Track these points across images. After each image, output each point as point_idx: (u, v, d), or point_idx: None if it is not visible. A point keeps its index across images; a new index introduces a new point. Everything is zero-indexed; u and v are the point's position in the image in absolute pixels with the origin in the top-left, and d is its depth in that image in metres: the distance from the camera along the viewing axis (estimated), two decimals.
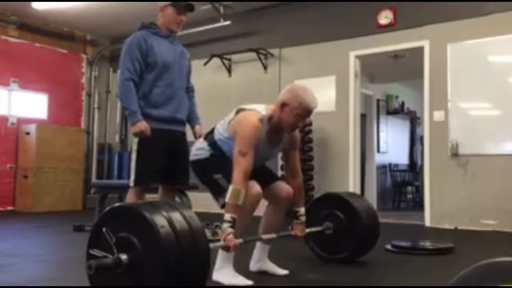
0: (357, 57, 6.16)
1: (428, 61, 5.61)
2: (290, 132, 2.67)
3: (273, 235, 2.72)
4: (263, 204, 2.74)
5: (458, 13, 5.41)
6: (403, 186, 8.95)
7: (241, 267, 2.68)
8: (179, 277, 1.83)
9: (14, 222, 5.87)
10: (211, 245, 2.14)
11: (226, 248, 2.39)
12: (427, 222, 5.50)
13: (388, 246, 3.74)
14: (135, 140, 3.03)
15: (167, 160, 3.06)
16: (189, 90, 3.32)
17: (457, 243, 3.82)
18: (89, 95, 8.35)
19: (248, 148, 2.46)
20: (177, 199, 3.92)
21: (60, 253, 3.87)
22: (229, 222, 2.38)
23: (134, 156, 3.05)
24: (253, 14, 6.87)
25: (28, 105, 7.54)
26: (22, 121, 7.37)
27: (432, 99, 5.57)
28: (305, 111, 2.57)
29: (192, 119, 3.31)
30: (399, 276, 2.97)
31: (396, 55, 6.46)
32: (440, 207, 5.43)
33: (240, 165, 2.43)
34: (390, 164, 8.93)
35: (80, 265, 3.24)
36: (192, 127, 3.32)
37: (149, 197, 3.17)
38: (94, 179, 7.79)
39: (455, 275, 1.04)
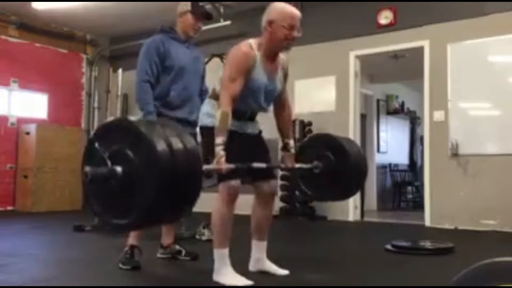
0: (357, 57, 6.16)
1: (428, 61, 5.61)
2: (287, 48, 2.65)
3: (263, 165, 2.70)
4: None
5: (458, 13, 5.41)
6: (403, 186, 8.95)
7: (241, 267, 2.68)
8: (172, 191, 1.85)
9: (14, 222, 5.87)
10: (204, 167, 2.15)
11: (219, 170, 2.40)
12: (427, 222, 5.50)
13: (388, 246, 3.74)
14: None
15: None
16: (203, 93, 3.39)
17: (457, 243, 3.82)
18: (89, 95, 8.35)
19: (238, 74, 2.51)
20: None
21: (60, 253, 3.87)
22: (221, 145, 2.41)
23: None
24: (253, 14, 6.85)
25: (28, 105, 7.54)
26: (22, 121, 7.37)
27: (432, 99, 5.57)
28: (293, 18, 2.59)
29: None
30: (399, 276, 2.97)
31: (396, 55, 6.46)
32: (440, 207, 5.43)
33: (228, 90, 2.49)
34: (390, 164, 8.93)
35: (80, 265, 3.25)
36: None
37: None
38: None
39: (455, 275, 1.04)
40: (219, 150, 2.40)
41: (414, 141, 9.81)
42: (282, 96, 2.87)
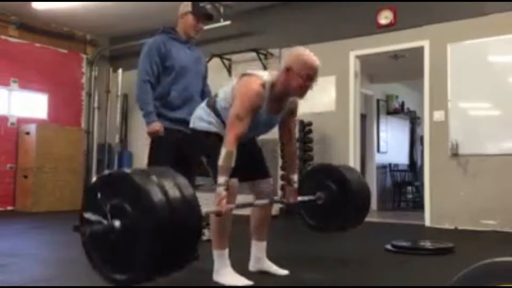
0: (357, 57, 6.16)
1: (428, 61, 5.61)
2: (300, 96, 2.61)
3: (265, 201, 2.72)
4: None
5: (458, 13, 5.41)
6: (403, 186, 8.94)
7: (241, 267, 2.69)
8: (171, 243, 1.84)
9: (14, 222, 5.87)
10: (204, 210, 2.14)
11: (219, 213, 2.39)
12: (427, 222, 5.50)
13: (388, 246, 3.74)
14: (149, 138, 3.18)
15: (176, 159, 3.10)
16: (205, 93, 3.41)
17: (457, 243, 3.82)
18: (89, 95, 8.35)
19: (246, 114, 2.47)
20: None
21: (60, 253, 3.87)
22: (223, 185, 2.38)
23: (147, 153, 3.19)
24: (253, 14, 6.87)
25: (28, 105, 7.54)
26: (22, 121, 7.37)
27: (432, 99, 5.57)
28: (311, 69, 2.53)
29: None
30: (399, 276, 2.97)
31: (396, 55, 6.46)
32: (440, 207, 5.43)
33: (235, 129, 2.44)
34: (390, 164, 8.93)
35: (80, 265, 3.24)
36: None
37: None
38: (94, 179, 7.76)
39: (455, 275, 1.04)
40: (221, 191, 2.37)
41: (414, 141, 9.81)
42: (288, 131, 2.84)
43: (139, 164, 7.47)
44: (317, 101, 6.32)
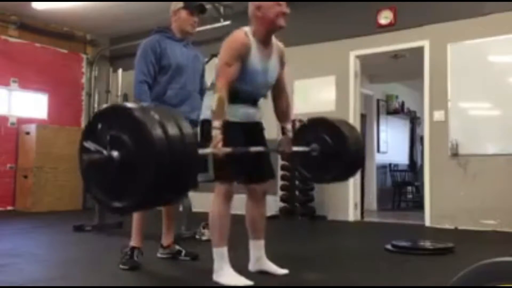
0: (357, 57, 6.15)
1: (428, 61, 5.61)
2: (282, 24, 2.68)
3: (260, 148, 2.72)
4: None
5: (458, 13, 5.41)
6: (403, 186, 8.94)
7: (241, 267, 2.69)
8: (168, 175, 1.87)
9: (14, 222, 5.87)
10: (200, 150, 2.16)
11: (216, 154, 2.43)
12: (427, 222, 5.50)
13: (388, 246, 3.75)
14: None
15: None
16: (203, 92, 3.37)
17: (457, 243, 3.82)
18: (89, 95, 8.35)
19: (234, 59, 2.55)
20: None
21: (60, 253, 3.87)
22: (219, 128, 2.42)
23: None
24: None
25: (28, 105, 7.54)
26: (22, 121, 7.37)
27: (432, 99, 5.57)
28: None
29: None
30: (399, 276, 2.97)
31: (396, 55, 6.46)
32: (440, 207, 5.43)
33: (225, 74, 2.52)
34: (390, 164, 8.93)
35: (80, 265, 3.25)
36: None
37: None
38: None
39: (455, 275, 1.04)
40: (217, 133, 2.42)
41: (414, 141, 9.81)
42: (280, 82, 2.89)
43: None
44: (317, 101, 6.33)
